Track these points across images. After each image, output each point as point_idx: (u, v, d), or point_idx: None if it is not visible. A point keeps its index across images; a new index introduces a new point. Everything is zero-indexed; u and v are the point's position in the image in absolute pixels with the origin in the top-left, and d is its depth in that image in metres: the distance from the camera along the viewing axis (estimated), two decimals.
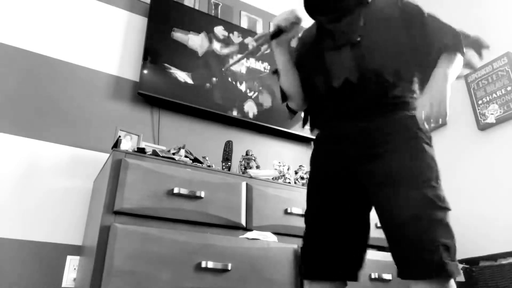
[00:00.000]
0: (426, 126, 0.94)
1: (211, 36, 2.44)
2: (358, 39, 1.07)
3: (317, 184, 1.11)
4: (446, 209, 0.92)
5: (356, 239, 1.05)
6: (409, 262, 0.89)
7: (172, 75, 2.20)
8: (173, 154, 1.70)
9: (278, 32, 1.12)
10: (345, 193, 1.05)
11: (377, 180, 0.97)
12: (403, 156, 0.96)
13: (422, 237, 0.87)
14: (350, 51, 1.07)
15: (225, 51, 2.42)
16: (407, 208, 0.90)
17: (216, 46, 2.43)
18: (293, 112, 1.26)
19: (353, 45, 1.07)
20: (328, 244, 1.03)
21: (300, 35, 1.30)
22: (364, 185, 1.01)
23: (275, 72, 1.25)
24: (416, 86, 1.08)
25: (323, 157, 1.11)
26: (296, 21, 1.12)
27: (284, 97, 1.24)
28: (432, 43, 1.03)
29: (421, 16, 1.07)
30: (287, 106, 1.26)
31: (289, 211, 1.69)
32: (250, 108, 2.38)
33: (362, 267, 1.05)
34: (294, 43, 1.24)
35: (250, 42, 2.48)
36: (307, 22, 1.19)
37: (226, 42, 2.49)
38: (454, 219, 2.47)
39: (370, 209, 1.07)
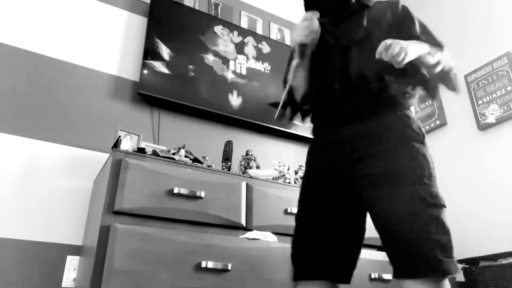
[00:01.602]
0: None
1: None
2: (359, 39, 1.08)
3: (313, 186, 1.11)
4: (440, 205, 0.91)
5: (350, 242, 1.05)
6: (402, 261, 0.88)
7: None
8: (173, 154, 1.70)
9: (303, 49, 1.11)
10: (342, 196, 1.05)
11: (370, 180, 0.98)
12: (394, 156, 0.97)
13: (414, 235, 0.87)
14: (349, 53, 1.08)
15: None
16: (399, 206, 0.91)
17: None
18: (291, 117, 1.26)
19: (353, 48, 1.08)
20: (319, 244, 1.03)
21: None
22: (360, 187, 1.01)
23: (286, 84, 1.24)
24: (408, 87, 1.09)
25: (319, 161, 1.12)
26: (314, 33, 1.11)
27: (283, 113, 1.23)
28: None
29: (412, 24, 1.09)
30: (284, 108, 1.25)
31: (289, 211, 1.69)
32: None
33: (353, 269, 1.05)
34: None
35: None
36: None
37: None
38: (454, 219, 2.47)
39: (366, 212, 1.08)
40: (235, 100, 2.35)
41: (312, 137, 1.20)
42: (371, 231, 1.04)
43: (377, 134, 1.00)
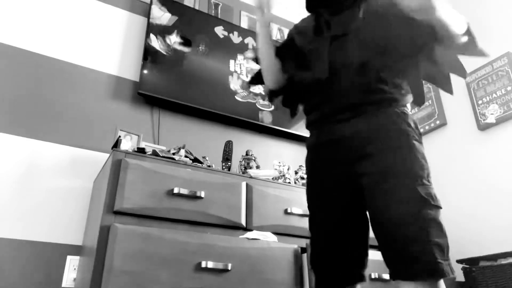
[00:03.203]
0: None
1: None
2: (354, 29, 1.06)
3: (317, 191, 1.10)
4: (438, 207, 0.90)
5: (360, 241, 1.05)
6: (401, 263, 0.87)
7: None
8: (173, 154, 1.70)
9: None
10: (346, 195, 1.04)
11: (372, 178, 0.96)
12: (394, 154, 0.95)
13: (415, 237, 0.86)
14: (344, 44, 1.06)
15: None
16: (399, 206, 0.89)
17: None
18: (272, 95, 1.30)
19: (348, 38, 1.06)
20: (337, 251, 1.02)
21: (296, 23, 1.33)
22: (361, 185, 1.00)
23: (255, 59, 1.32)
24: (404, 82, 1.05)
25: (319, 162, 1.10)
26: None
27: (254, 80, 1.32)
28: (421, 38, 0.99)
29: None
30: (269, 96, 1.31)
31: (289, 211, 1.69)
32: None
33: (366, 267, 1.05)
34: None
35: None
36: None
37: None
38: (454, 219, 2.47)
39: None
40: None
41: (309, 133, 1.18)
42: (370, 231, 1.04)
43: (378, 132, 0.99)
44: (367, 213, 1.03)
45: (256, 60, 1.32)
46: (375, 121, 1.00)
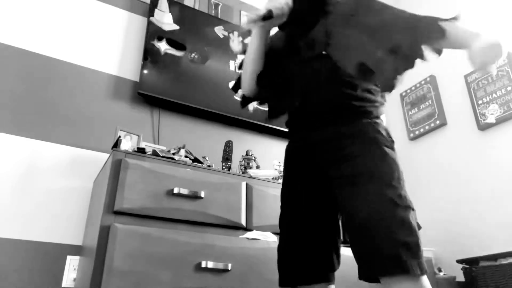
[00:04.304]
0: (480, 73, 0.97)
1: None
2: (323, 52, 1.09)
3: (290, 192, 1.14)
4: (407, 207, 0.92)
5: (329, 242, 1.07)
6: (369, 262, 0.89)
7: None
8: (173, 154, 1.70)
9: (268, 17, 1.11)
10: (316, 198, 1.08)
11: (343, 181, 1.00)
12: (365, 158, 0.99)
13: (380, 235, 0.88)
14: (316, 63, 1.10)
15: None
16: (367, 207, 0.92)
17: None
18: (246, 102, 1.29)
19: (317, 59, 1.10)
20: (301, 249, 1.05)
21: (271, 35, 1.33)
22: (333, 187, 1.04)
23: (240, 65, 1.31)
24: (378, 95, 1.11)
25: (294, 165, 1.15)
26: (285, 13, 1.13)
27: (238, 86, 1.30)
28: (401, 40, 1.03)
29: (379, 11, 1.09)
30: (243, 101, 1.30)
31: None
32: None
33: (336, 268, 1.07)
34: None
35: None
36: None
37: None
38: (454, 219, 2.46)
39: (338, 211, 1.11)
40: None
41: (288, 139, 1.22)
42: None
43: (350, 138, 1.04)
44: (340, 214, 1.07)
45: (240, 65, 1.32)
46: (347, 130, 1.05)
